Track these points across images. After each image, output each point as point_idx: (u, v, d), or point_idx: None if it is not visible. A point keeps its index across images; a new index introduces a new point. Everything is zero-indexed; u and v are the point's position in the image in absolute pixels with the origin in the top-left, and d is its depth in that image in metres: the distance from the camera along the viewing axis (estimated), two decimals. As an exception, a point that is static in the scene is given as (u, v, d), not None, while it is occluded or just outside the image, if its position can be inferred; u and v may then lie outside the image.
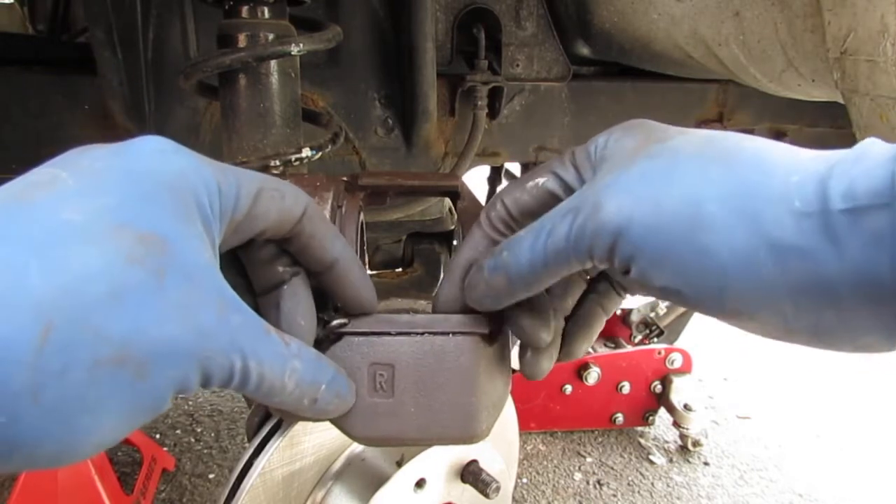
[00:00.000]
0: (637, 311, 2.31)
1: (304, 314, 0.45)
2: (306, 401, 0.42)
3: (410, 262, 1.47)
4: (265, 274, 0.46)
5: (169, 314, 0.33)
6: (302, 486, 0.88)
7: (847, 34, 0.71)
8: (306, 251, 0.45)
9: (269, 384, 0.39)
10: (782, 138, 1.31)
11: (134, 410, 0.34)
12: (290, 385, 0.40)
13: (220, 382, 0.37)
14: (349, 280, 0.47)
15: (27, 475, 1.51)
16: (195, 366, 0.35)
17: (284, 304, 0.45)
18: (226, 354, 0.36)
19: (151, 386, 0.33)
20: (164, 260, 0.34)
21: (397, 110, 1.17)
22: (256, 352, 0.38)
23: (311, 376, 0.42)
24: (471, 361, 0.48)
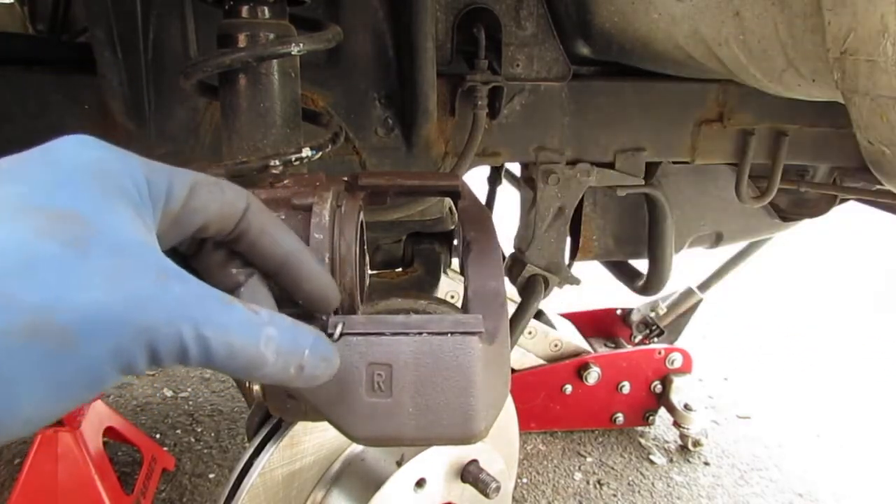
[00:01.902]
0: (637, 311, 2.31)
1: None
2: (292, 369, 0.41)
3: (410, 262, 1.47)
4: (220, 279, 0.45)
5: (93, 281, 0.33)
6: (302, 486, 0.88)
7: (847, 34, 0.71)
8: (256, 248, 0.45)
9: (246, 356, 0.38)
10: (782, 138, 1.31)
11: (64, 384, 0.33)
12: (269, 354, 0.39)
13: (174, 356, 0.36)
14: (305, 274, 0.47)
15: (27, 475, 1.51)
16: (135, 337, 0.34)
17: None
18: (172, 324, 0.35)
19: (83, 358, 0.33)
20: (84, 233, 0.34)
21: (397, 110, 1.17)
22: (214, 321, 0.37)
23: (291, 343, 0.41)
24: (469, 361, 0.48)
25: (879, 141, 0.76)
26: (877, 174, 0.86)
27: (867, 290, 3.62)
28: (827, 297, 3.53)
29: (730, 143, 1.32)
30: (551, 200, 1.30)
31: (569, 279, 1.41)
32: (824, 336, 3.07)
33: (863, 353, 2.92)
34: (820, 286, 3.66)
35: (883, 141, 0.75)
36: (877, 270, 3.91)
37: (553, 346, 2.08)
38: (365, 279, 0.62)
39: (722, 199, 1.56)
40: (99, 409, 1.71)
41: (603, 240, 1.55)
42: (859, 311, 3.35)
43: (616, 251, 1.57)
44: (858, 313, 3.33)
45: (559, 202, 1.31)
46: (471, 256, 0.63)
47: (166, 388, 2.33)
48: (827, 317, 3.27)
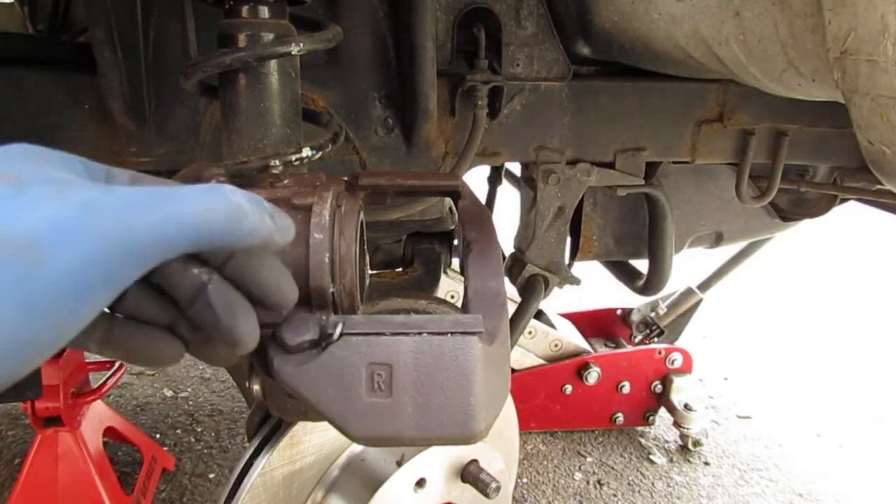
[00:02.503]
0: (637, 311, 2.31)
1: (240, 302, 0.45)
2: (268, 218, 0.43)
3: (410, 262, 1.47)
4: (184, 283, 0.44)
5: (40, 202, 0.34)
6: (302, 486, 0.88)
7: (847, 34, 0.71)
8: None
9: (223, 210, 0.39)
10: (783, 138, 1.31)
11: (39, 297, 0.33)
12: (243, 202, 0.41)
13: (155, 245, 0.37)
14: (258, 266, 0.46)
15: (27, 475, 1.52)
16: (102, 239, 0.34)
17: (215, 300, 0.44)
18: (135, 214, 0.36)
19: (54, 271, 0.33)
20: (21, 178, 0.35)
21: (397, 110, 1.16)
22: (178, 198, 0.38)
23: (251, 196, 0.43)
24: (469, 361, 0.48)
25: (879, 141, 0.76)
26: (877, 174, 0.86)
27: (867, 290, 3.62)
28: (827, 297, 3.53)
29: (730, 143, 1.32)
30: (551, 200, 1.30)
31: (569, 279, 1.41)
32: (824, 336, 3.07)
33: (863, 353, 2.92)
34: (820, 286, 3.66)
35: (883, 141, 0.75)
36: (877, 270, 3.91)
37: (553, 346, 2.08)
38: (365, 279, 0.62)
39: (722, 199, 1.56)
40: (99, 409, 1.71)
41: (603, 240, 1.55)
42: (859, 311, 3.35)
43: (616, 251, 1.57)
44: (858, 313, 3.33)
45: (559, 202, 1.31)
46: (471, 256, 0.63)
47: (166, 388, 2.33)
48: (827, 317, 3.27)
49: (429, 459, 0.88)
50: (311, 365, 0.49)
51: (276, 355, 0.50)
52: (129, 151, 1.07)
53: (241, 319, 0.44)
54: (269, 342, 0.51)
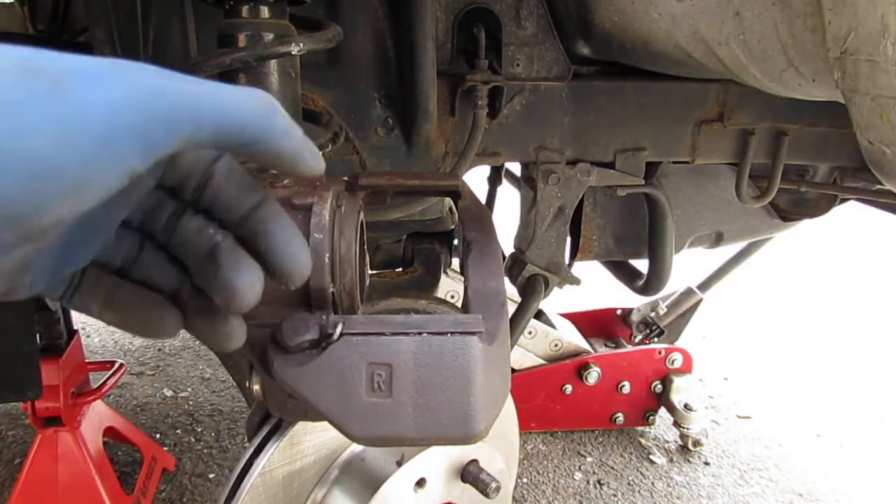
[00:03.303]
0: (637, 311, 2.31)
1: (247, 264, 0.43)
2: (297, 131, 0.41)
3: (410, 261, 1.47)
4: (197, 244, 0.44)
5: (74, 58, 0.33)
6: (302, 486, 0.88)
7: (847, 34, 0.71)
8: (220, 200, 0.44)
9: (253, 105, 0.38)
10: (783, 138, 1.31)
11: (67, 123, 0.32)
12: (284, 119, 0.40)
13: (183, 117, 0.35)
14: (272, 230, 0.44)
15: (27, 475, 1.52)
16: (135, 98, 0.34)
17: (224, 259, 0.43)
18: (169, 83, 0.36)
19: (80, 103, 0.32)
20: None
21: (397, 110, 1.16)
22: (210, 85, 0.37)
23: None
24: (469, 361, 0.48)
25: (880, 141, 0.76)
26: (877, 174, 0.86)
27: (867, 290, 3.62)
28: (827, 297, 3.53)
29: (730, 143, 1.32)
30: (551, 200, 1.30)
31: (569, 279, 1.41)
32: (824, 336, 3.07)
33: (863, 353, 2.92)
34: (820, 286, 3.66)
35: (883, 141, 0.75)
36: (877, 270, 3.91)
37: (553, 345, 2.08)
38: (365, 279, 0.62)
39: (722, 199, 1.56)
40: (99, 409, 1.71)
41: (603, 240, 1.55)
42: (859, 311, 3.35)
43: (616, 251, 1.57)
44: (858, 313, 3.33)
45: (559, 202, 1.31)
46: (471, 256, 0.63)
47: (166, 388, 2.34)
48: (827, 317, 3.27)
49: (429, 459, 0.88)
50: (311, 365, 0.49)
51: (276, 355, 0.50)
52: (129, 151, 1.07)
53: (244, 271, 0.43)
54: (269, 342, 0.51)
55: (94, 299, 0.45)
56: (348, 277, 0.53)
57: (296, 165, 0.42)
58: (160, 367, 2.47)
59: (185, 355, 2.54)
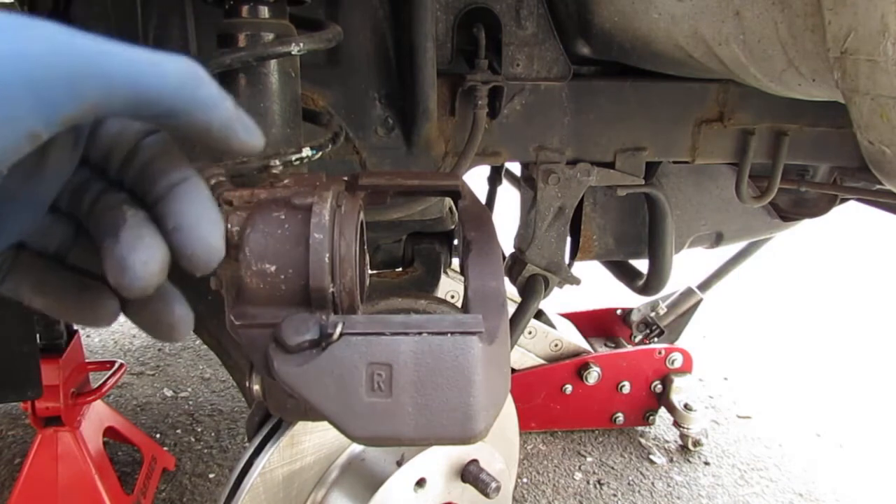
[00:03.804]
0: (637, 311, 2.31)
1: (148, 243, 0.38)
2: (228, 101, 0.38)
3: (410, 261, 1.47)
4: (110, 219, 0.40)
5: None
6: (302, 486, 0.88)
7: (847, 34, 0.71)
8: (143, 177, 0.41)
9: (178, 72, 0.35)
10: (783, 138, 1.31)
11: None
12: (210, 88, 0.37)
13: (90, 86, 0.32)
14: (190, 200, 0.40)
15: (27, 475, 1.51)
16: (33, 50, 0.31)
17: (124, 234, 0.38)
18: (81, 44, 0.32)
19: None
20: None
21: (397, 110, 1.16)
22: (124, 50, 0.34)
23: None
24: (469, 361, 0.48)
25: (880, 141, 0.76)
26: (877, 174, 0.86)
27: (867, 291, 3.62)
28: (827, 296, 3.53)
29: (730, 143, 1.32)
30: (551, 200, 1.30)
31: (569, 279, 1.41)
32: (824, 336, 3.07)
33: (863, 353, 2.92)
34: (820, 286, 3.66)
35: (883, 141, 0.75)
36: (877, 270, 3.91)
37: (553, 345, 2.08)
38: (365, 279, 0.62)
39: (722, 199, 1.56)
40: (99, 409, 1.71)
41: (603, 240, 1.55)
42: (859, 311, 3.35)
43: (616, 251, 1.57)
44: (859, 313, 3.33)
45: (559, 202, 1.31)
46: (471, 256, 0.63)
47: (166, 388, 2.34)
48: (827, 317, 3.27)
49: (429, 459, 0.88)
50: (311, 365, 0.49)
51: (276, 355, 0.50)
52: (129, 151, 1.07)
53: (140, 248, 0.38)
54: (269, 342, 0.51)
55: (25, 284, 0.42)
56: (348, 277, 0.53)
57: (228, 141, 0.40)
58: (160, 367, 2.47)
59: (186, 355, 2.54)
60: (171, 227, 0.39)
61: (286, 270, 0.51)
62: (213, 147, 0.39)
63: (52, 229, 0.43)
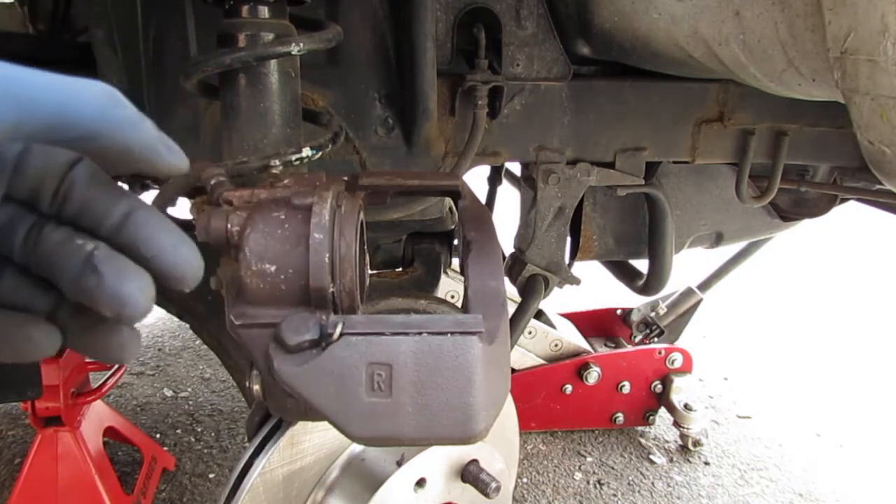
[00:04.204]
0: (637, 311, 2.31)
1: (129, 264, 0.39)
2: (152, 129, 0.38)
3: (410, 261, 1.47)
4: (65, 257, 0.40)
5: None
6: (302, 486, 0.88)
7: (847, 34, 0.71)
8: (88, 208, 0.40)
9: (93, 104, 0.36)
10: (783, 138, 1.31)
11: None
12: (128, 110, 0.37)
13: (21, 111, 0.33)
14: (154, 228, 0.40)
15: (27, 475, 1.51)
16: None
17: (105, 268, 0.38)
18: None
19: None
20: None
21: (397, 110, 1.16)
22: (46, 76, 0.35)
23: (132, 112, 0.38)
24: (469, 361, 0.48)
25: (880, 141, 0.76)
26: (877, 174, 0.86)
27: (867, 290, 3.62)
28: (827, 296, 3.53)
29: (730, 143, 1.32)
30: (551, 200, 1.30)
31: (569, 279, 1.41)
32: (824, 336, 3.07)
33: (863, 353, 2.92)
34: (820, 286, 3.66)
35: (883, 141, 0.75)
36: (877, 270, 3.91)
37: (553, 345, 2.08)
38: (365, 279, 0.62)
39: (722, 199, 1.56)
40: (99, 409, 1.71)
41: (603, 240, 1.55)
42: (860, 311, 3.35)
43: (616, 251, 1.57)
44: (859, 313, 3.33)
45: (559, 202, 1.31)
46: (471, 256, 0.63)
47: (166, 388, 2.34)
48: (827, 317, 3.27)
49: (429, 459, 0.88)
50: (311, 365, 0.49)
51: (276, 355, 0.50)
52: (129, 151, 1.07)
53: (131, 276, 0.39)
54: (269, 342, 0.51)
55: None
56: (348, 277, 0.53)
57: (151, 161, 0.39)
58: (160, 367, 2.47)
59: (185, 355, 2.54)
60: (150, 256, 0.40)
61: (286, 270, 0.51)
62: (137, 168, 0.39)
63: None
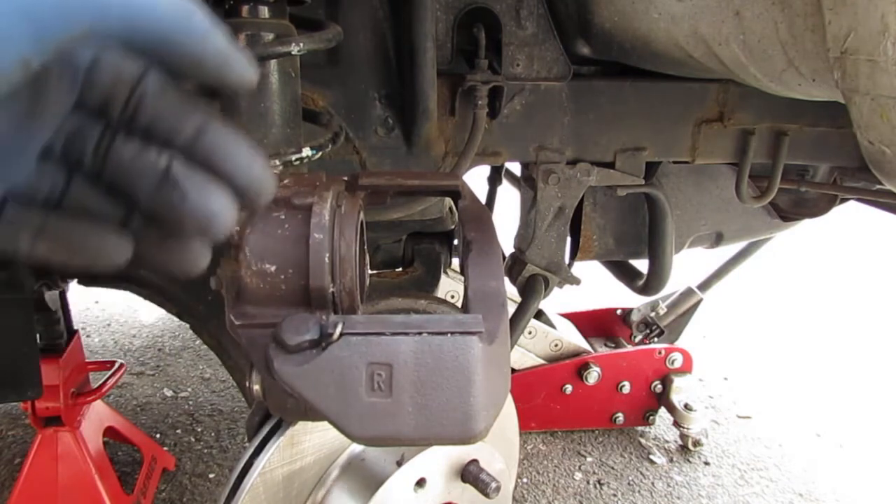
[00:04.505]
0: (637, 311, 2.31)
1: (209, 179, 0.39)
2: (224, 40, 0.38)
3: (410, 261, 1.47)
4: (140, 169, 0.39)
5: None
6: (302, 486, 0.88)
7: (847, 33, 0.71)
8: (160, 121, 0.40)
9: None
10: (783, 138, 1.31)
11: None
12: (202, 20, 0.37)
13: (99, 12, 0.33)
14: (227, 140, 0.41)
15: (27, 475, 1.51)
16: None
17: (187, 184, 0.39)
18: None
19: None
20: None
21: (397, 110, 1.17)
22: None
23: None
24: (469, 361, 0.48)
25: (880, 141, 0.76)
26: (877, 174, 0.86)
27: (867, 290, 3.62)
28: (827, 296, 3.53)
29: (730, 143, 1.32)
30: (551, 200, 1.30)
31: (569, 279, 1.41)
32: (824, 336, 3.07)
33: (863, 352, 2.92)
34: (820, 286, 3.66)
35: (883, 141, 0.75)
36: (877, 270, 3.91)
37: (553, 345, 2.08)
38: (365, 279, 0.62)
39: (722, 199, 1.56)
40: (99, 409, 1.71)
41: (603, 240, 1.55)
42: (859, 311, 3.35)
43: (616, 251, 1.57)
44: (859, 313, 3.33)
45: (559, 202, 1.31)
46: (471, 256, 0.63)
47: (166, 388, 2.34)
48: (827, 317, 3.27)
49: (429, 459, 0.88)
50: (311, 365, 0.49)
51: (276, 355, 0.50)
52: (129, 151, 1.07)
53: (215, 194, 0.39)
54: (269, 342, 0.51)
55: (23, 233, 0.40)
56: (348, 277, 0.53)
57: (222, 74, 0.39)
58: (160, 367, 2.47)
59: (186, 355, 2.54)
60: (226, 173, 0.40)
61: (286, 270, 0.51)
62: (207, 79, 0.39)
63: (42, 175, 0.41)
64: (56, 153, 0.41)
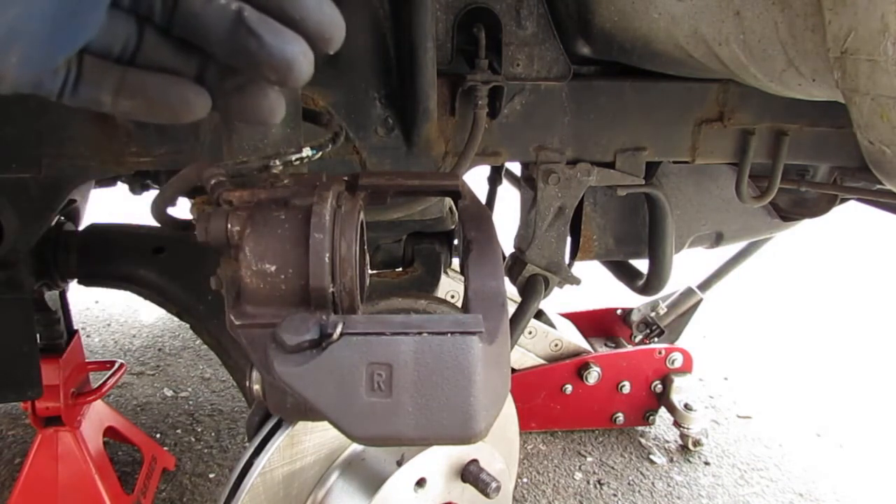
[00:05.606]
0: (637, 311, 2.31)
1: (291, 33, 0.40)
2: None
3: (410, 261, 1.47)
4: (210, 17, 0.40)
5: None
6: (302, 486, 0.88)
7: (848, 33, 0.71)
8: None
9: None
10: (783, 138, 1.31)
11: None
12: None
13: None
14: None
15: (27, 475, 1.52)
16: None
17: (262, 30, 0.39)
18: None
19: None
20: None
21: (398, 110, 1.16)
22: None
23: None
24: (469, 361, 0.48)
25: (880, 141, 0.76)
26: (877, 174, 0.86)
27: (867, 290, 3.62)
28: (827, 296, 3.53)
29: (730, 143, 1.32)
30: (551, 200, 1.30)
31: (569, 279, 1.41)
32: (824, 336, 3.07)
33: (863, 352, 2.92)
34: (820, 286, 3.66)
35: (883, 141, 0.75)
36: (877, 270, 3.91)
37: (553, 345, 2.08)
38: (365, 279, 0.62)
39: (722, 199, 1.56)
40: (99, 408, 1.71)
41: (603, 240, 1.55)
42: (860, 311, 3.35)
43: (616, 251, 1.57)
44: (859, 313, 3.33)
45: (559, 202, 1.31)
46: (471, 256, 0.63)
47: (166, 388, 2.34)
48: (827, 316, 3.27)
49: (429, 459, 0.88)
50: (311, 365, 0.49)
51: (276, 355, 0.50)
52: (130, 151, 1.07)
53: (291, 40, 0.40)
54: (269, 342, 0.51)
55: (104, 88, 0.41)
56: (348, 277, 0.53)
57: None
58: (160, 367, 2.47)
59: (185, 355, 2.54)
60: (297, 17, 0.40)
61: (286, 270, 0.51)
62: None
63: (114, 28, 0.41)
64: (126, 4, 0.41)
